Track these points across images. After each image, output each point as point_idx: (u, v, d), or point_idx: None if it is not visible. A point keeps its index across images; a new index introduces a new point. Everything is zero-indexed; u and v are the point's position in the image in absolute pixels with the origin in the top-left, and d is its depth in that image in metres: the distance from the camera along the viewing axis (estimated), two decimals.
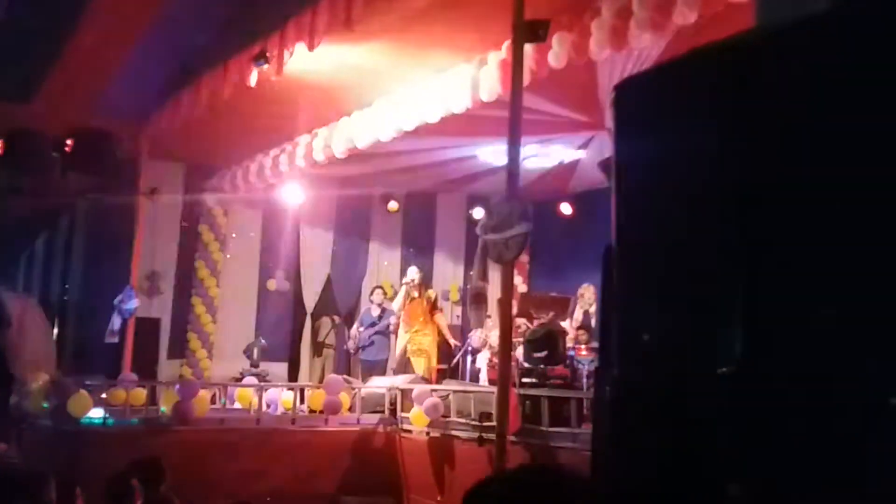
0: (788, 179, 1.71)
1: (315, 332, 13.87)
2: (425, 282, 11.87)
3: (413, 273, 11.60)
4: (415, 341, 11.21)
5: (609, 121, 2.66)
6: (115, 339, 11.20)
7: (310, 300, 13.62)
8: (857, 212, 1.59)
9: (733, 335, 1.74)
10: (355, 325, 12.34)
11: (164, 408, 9.75)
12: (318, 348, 13.91)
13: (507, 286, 7.35)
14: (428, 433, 9.54)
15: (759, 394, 1.69)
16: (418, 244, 14.17)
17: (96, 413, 9.30)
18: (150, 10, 9.15)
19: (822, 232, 1.64)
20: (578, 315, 10.96)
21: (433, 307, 11.47)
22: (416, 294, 11.39)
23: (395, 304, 11.65)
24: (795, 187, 1.70)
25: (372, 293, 12.27)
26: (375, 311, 11.96)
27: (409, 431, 9.88)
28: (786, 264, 1.69)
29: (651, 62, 7.84)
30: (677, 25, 6.99)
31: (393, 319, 11.69)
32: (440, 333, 11.50)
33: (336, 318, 13.94)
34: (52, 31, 9.49)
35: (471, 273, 13.87)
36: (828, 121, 1.65)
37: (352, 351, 12.32)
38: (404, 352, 11.32)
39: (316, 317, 13.83)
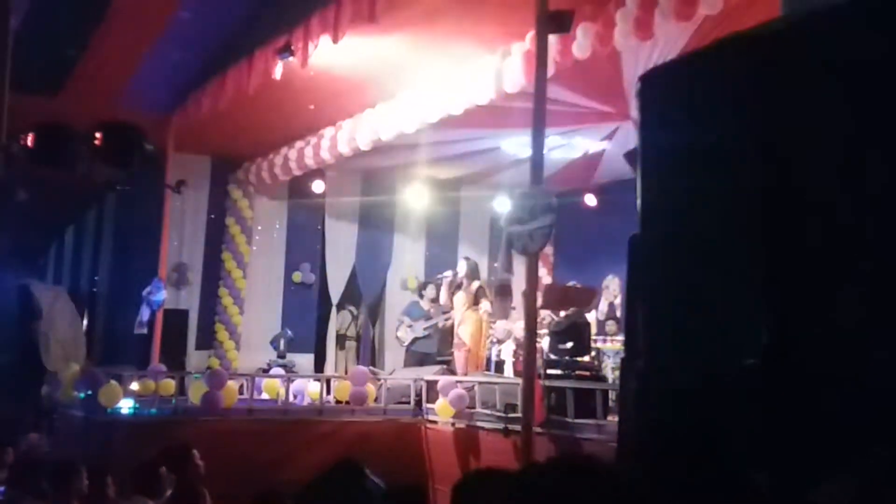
0: (814, 170, 1.71)
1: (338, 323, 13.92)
2: (471, 273, 11.43)
3: (460, 266, 11.34)
4: (457, 334, 11.06)
5: (634, 111, 2.66)
6: (144, 331, 11.31)
7: (335, 292, 13.69)
8: (883, 202, 1.59)
9: (759, 326, 1.74)
10: (404, 318, 12.09)
11: (193, 398, 9.83)
12: (339, 341, 13.95)
13: (532, 278, 7.34)
14: (453, 424, 9.56)
15: (784, 385, 1.68)
16: (442, 236, 14.16)
17: (126, 403, 9.40)
18: (176, 3, 9.21)
19: (847, 223, 1.64)
20: (603, 307, 10.92)
21: (474, 300, 11.12)
22: (463, 285, 11.08)
23: (442, 300, 11.54)
24: (821, 177, 1.69)
25: (424, 288, 12.12)
26: (426, 305, 11.88)
27: (435, 422, 9.90)
28: (810, 255, 1.69)
29: (676, 52, 7.79)
30: (702, 15, 6.95)
31: (447, 316, 11.48)
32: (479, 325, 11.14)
33: (354, 309, 13.95)
34: (79, 25, 9.57)
35: (495, 265, 13.84)
36: (854, 110, 1.64)
37: (405, 343, 12.08)
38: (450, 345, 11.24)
39: (341, 308, 13.90)
